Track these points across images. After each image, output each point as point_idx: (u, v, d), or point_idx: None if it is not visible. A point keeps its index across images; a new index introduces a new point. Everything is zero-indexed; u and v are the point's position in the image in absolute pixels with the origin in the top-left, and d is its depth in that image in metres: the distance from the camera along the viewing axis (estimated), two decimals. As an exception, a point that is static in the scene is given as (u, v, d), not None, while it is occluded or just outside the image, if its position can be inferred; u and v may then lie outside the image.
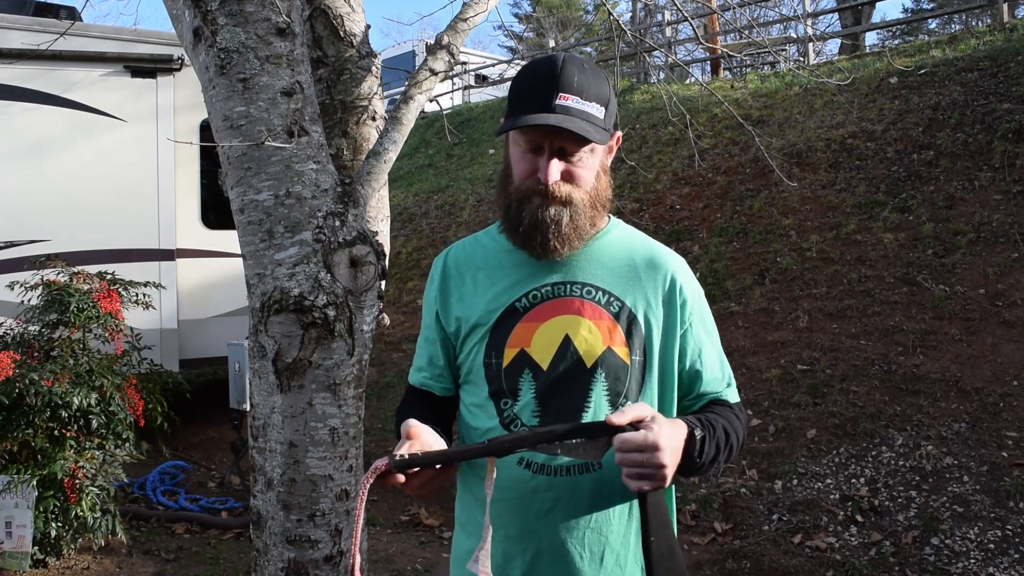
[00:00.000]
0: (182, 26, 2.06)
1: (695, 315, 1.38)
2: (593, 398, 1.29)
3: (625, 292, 1.34)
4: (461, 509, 1.41)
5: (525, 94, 1.28)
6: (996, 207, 6.00)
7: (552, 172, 1.26)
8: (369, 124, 2.42)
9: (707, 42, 11.08)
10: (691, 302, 1.37)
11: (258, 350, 2.03)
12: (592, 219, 1.33)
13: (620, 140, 1.41)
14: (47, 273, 4.39)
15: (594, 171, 1.32)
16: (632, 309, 1.33)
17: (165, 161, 6.10)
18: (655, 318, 1.34)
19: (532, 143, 1.28)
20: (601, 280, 1.34)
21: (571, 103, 1.24)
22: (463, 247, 1.45)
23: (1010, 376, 4.67)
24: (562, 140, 1.26)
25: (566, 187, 1.28)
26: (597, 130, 1.25)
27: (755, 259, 6.72)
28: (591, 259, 1.36)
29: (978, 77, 7.49)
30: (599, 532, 1.29)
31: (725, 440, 1.29)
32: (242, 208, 2.02)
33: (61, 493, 3.66)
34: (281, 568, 2.02)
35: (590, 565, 1.28)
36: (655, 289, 1.35)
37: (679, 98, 7.88)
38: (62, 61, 5.75)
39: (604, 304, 1.33)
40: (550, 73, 1.26)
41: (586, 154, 1.29)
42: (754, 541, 4.11)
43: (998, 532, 3.77)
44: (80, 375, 3.85)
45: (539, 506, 1.28)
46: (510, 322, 1.32)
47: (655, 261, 1.38)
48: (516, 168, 1.32)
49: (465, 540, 1.38)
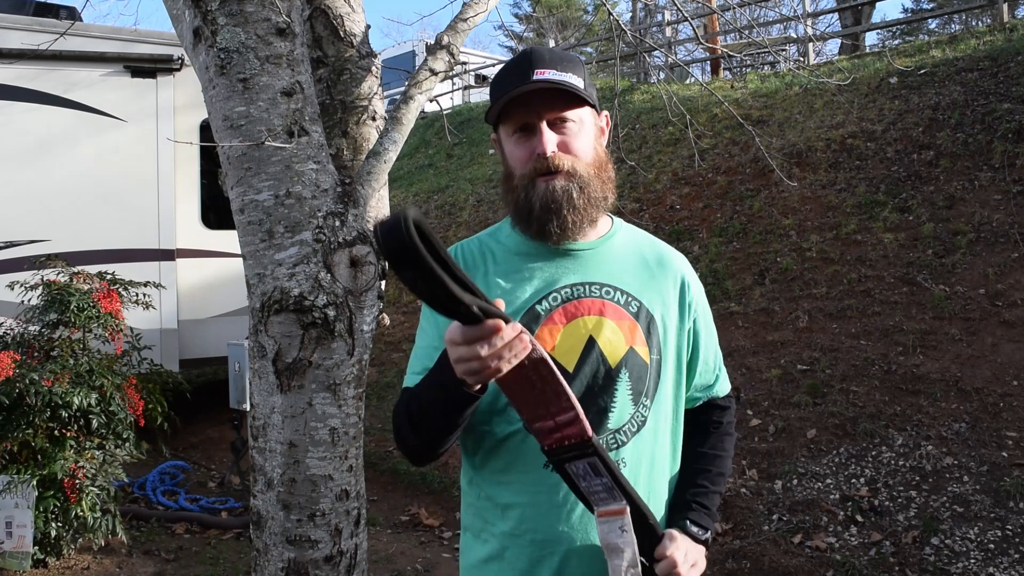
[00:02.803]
0: (182, 26, 2.06)
1: (699, 312, 1.42)
2: (618, 398, 1.29)
3: (641, 292, 1.34)
4: (474, 515, 1.36)
5: (503, 82, 1.30)
6: (996, 207, 6.00)
7: (547, 142, 1.26)
8: (369, 124, 2.42)
9: (707, 42, 11.08)
10: (696, 300, 1.41)
11: (258, 350, 2.03)
12: (603, 192, 1.32)
13: (609, 122, 1.41)
14: (47, 273, 4.39)
15: (590, 143, 1.31)
16: (650, 309, 1.34)
17: (165, 161, 6.10)
18: (669, 317, 1.36)
19: (520, 122, 1.29)
20: (618, 280, 1.34)
21: (548, 75, 1.26)
22: (468, 248, 1.40)
23: (1010, 376, 4.67)
24: (549, 109, 1.27)
25: (567, 158, 1.28)
26: (581, 91, 1.27)
27: (755, 259, 6.72)
28: (605, 259, 1.36)
29: (978, 77, 7.49)
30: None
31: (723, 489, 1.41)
32: (242, 208, 2.02)
33: (61, 493, 3.66)
34: (281, 568, 2.02)
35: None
36: (668, 288, 1.37)
37: (679, 98, 7.88)
38: (62, 61, 5.75)
39: (624, 304, 1.32)
40: (523, 58, 1.31)
41: (576, 124, 1.30)
42: (754, 541, 4.11)
43: (998, 532, 3.77)
44: (80, 375, 3.85)
45: (567, 509, 1.26)
46: (532, 325, 1.29)
47: (664, 260, 1.41)
48: (513, 159, 1.32)
49: (479, 548, 1.33)
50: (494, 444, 1.29)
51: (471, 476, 1.36)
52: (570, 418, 1.08)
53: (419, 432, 1.25)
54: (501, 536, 1.30)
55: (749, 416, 5.14)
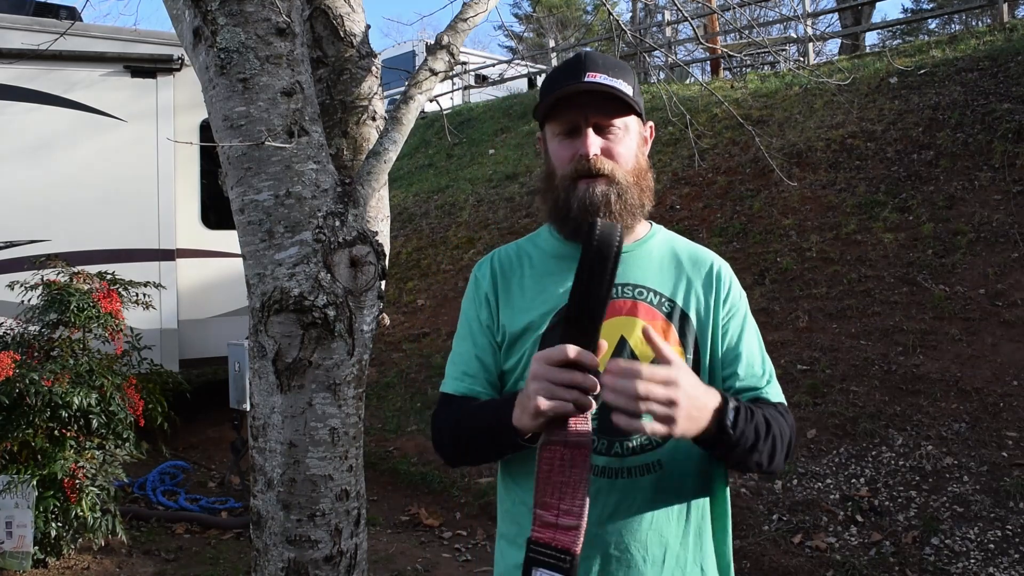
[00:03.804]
0: (182, 26, 2.06)
1: (736, 308, 1.37)
2: None
3: (675, 291, 1.34)
4: (511, 522, 1.35)
5: (554, 81, 1.32)
6: (996, 207, 6.00)
7: (592, 144, 1.28)
8: (369, 124, 2.42)
9: (707, 42, 11.07)
10: (733, 295, 1.37)
11: (258, 350, 2.03)
12: (640, 200, 1.33)
13: (653, 133, 1.41)
14: (47, 273, 4.39)
15: (632, 150, 1.33)
16: (684, 308, 1.33)
17: (165, 161, 6.10)
18: (705, 313, 1.34)
19: (568, 123, 1.30)
20: (651, 281, 1.34)
21: (600, 79, 1.27)
22: (507, 252, 1.43)
23: (1010, 376, 4.67)
24: (597, 113, 1.28)
25: (608, 163, 1.29)
26: (629, 98, 1.27)
27: (755, 259, 6.72)
28: (639, 262, 1.36)
29: (978, 77, 7.49)
30: (660, 533, 1.27)
31: (766, 429, 1.21)
32: (242, 208, 2.02)
33: (61, 493, 3.66)
34: (281, 568, 2.02)
35: (652, 566, 1.27)
36: (701, 285, 1.35)
37: (679, 98, 7.88)
38: (62, 61, 5.75)
39: (656, 304, 1.32)
40: (576, 60, 1.31)
41: (622, 131, 1.31)
42: (754, 541, 4.11)
43: (998, 532, 3.77)
44: (80, 375, 3.85)
45: (601, 510, 1.25)
46: None
47: (699, 258, 1.39)
48: (556, 158, 1.33)
49: (515, 554, 1.29)
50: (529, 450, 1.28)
51: (507, 483, 1.37)
52: (571, 524, 1.09)
53: (461, 451, 1.32)
54: None
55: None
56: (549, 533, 1.10)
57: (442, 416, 1.35)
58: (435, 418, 1.38)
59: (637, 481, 1.27)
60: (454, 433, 1.31)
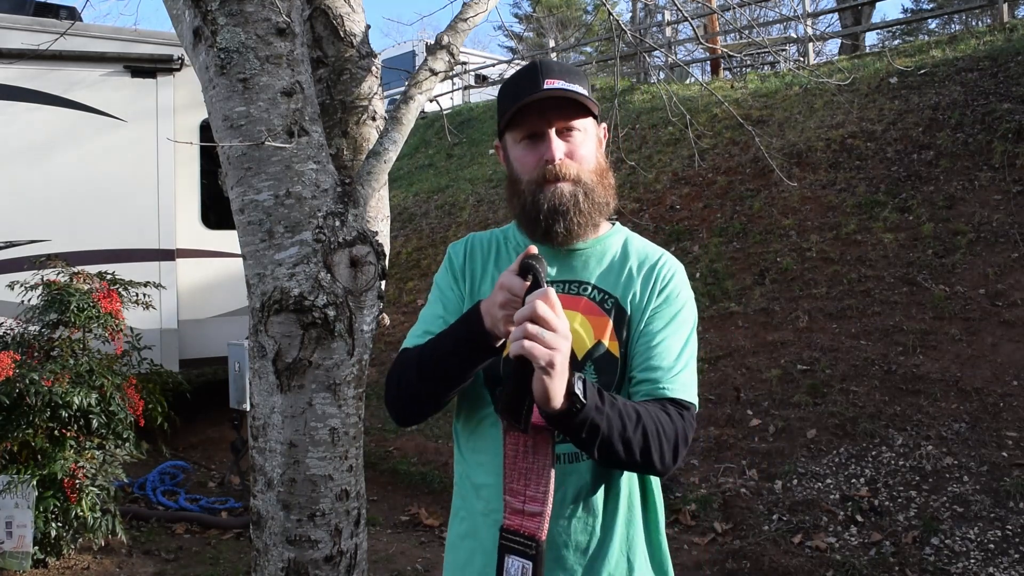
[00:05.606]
0: (182, 26, 2.06)
1: (670, 305, 1.35)
2: None
3: (616, 287, 1.37)
4: (458, 495, 1.43)
5: (513, 90, 1.35)
6: (996, 207, 6.00)
7: (556, 149, 1.31)
8: (369, 124, 2.42)
9: (707, 42, 11.07)
10: (670, 291, 1.36)
11: (258, 350, 2.03)
12: (606, 198, 1.37)
13: (607, 134, 1.45)
14: (47, 273, 4.39)
15: (593, 151, 1.37)
16: (621, 302, 1.36)
17: (165, 161, 6.10)
18: (638, 306, 1.36)
19: (529, 129, 1.33)
20: (597, 278, 1.38)
21: (558, 84, 1.31)
22: (481, 239, 1.48)
23: (1010, 376, 4.67)
24: (559, 117, 1.32)
25: (573, 165, 1.33)
26: (589, 100, 1.32)
27: (755, 259, 6.72)
28: (591, 260, 1.40)
29: (978, 77, 7.48)
30: (585, 521, 1.30)
31: (636, 419, 1.18)
32: (242, 208, 2.02)
33: (61, 493, 3.66)
34: (281, 568, 2.02)
35: (575, 553, 1.30)
36: (642, 279, 1.38)
37: (679, 98, 7.88)
38: (62, 61, 5.75)
39: (599, 301, 1.36)
40: (531, 69, 1.36)
41: (582, 133, 1.35)
42: (754, 541, 4.11)
43: (998, 532, 3.77)
44: (80, 375, 3.85)
45: None
46: None
47: (648, 255, 1.41)
48: (520, 164, 1.36)
49: (458, 525, 1.40)
50: (474, 426, 1.36)
51: (457, 458, 1.43)
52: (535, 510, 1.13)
53: (427, 382, 1.29)
54: (474, 515, 1.36)
55: (749, 416, 5.15)
56: (517, 520, 1.15)
57: (400, 361, 1.36)
58: (391, 370, 1.38)
59: (565, 468, 1.29)
60: (419, 364, 1.29)
